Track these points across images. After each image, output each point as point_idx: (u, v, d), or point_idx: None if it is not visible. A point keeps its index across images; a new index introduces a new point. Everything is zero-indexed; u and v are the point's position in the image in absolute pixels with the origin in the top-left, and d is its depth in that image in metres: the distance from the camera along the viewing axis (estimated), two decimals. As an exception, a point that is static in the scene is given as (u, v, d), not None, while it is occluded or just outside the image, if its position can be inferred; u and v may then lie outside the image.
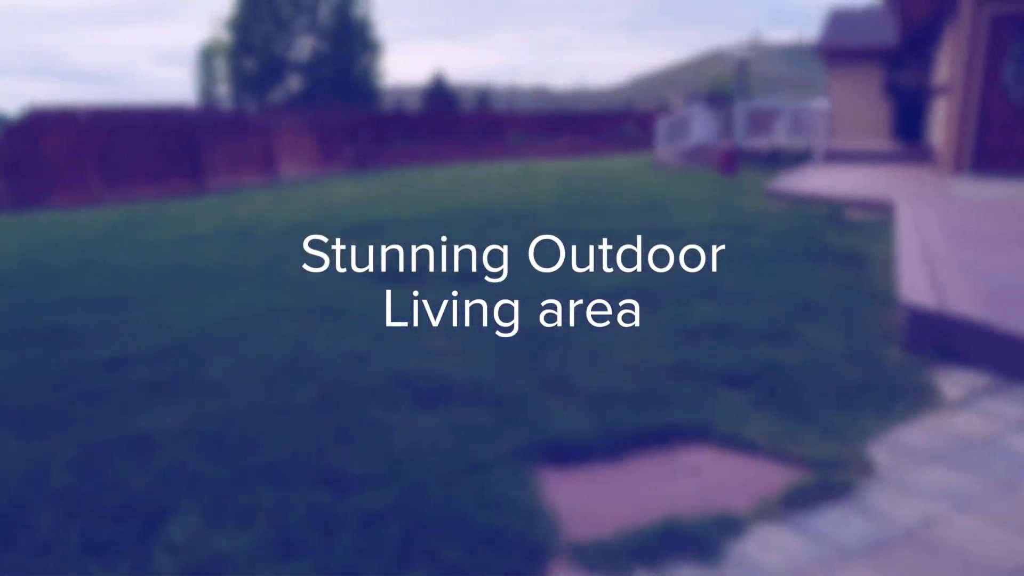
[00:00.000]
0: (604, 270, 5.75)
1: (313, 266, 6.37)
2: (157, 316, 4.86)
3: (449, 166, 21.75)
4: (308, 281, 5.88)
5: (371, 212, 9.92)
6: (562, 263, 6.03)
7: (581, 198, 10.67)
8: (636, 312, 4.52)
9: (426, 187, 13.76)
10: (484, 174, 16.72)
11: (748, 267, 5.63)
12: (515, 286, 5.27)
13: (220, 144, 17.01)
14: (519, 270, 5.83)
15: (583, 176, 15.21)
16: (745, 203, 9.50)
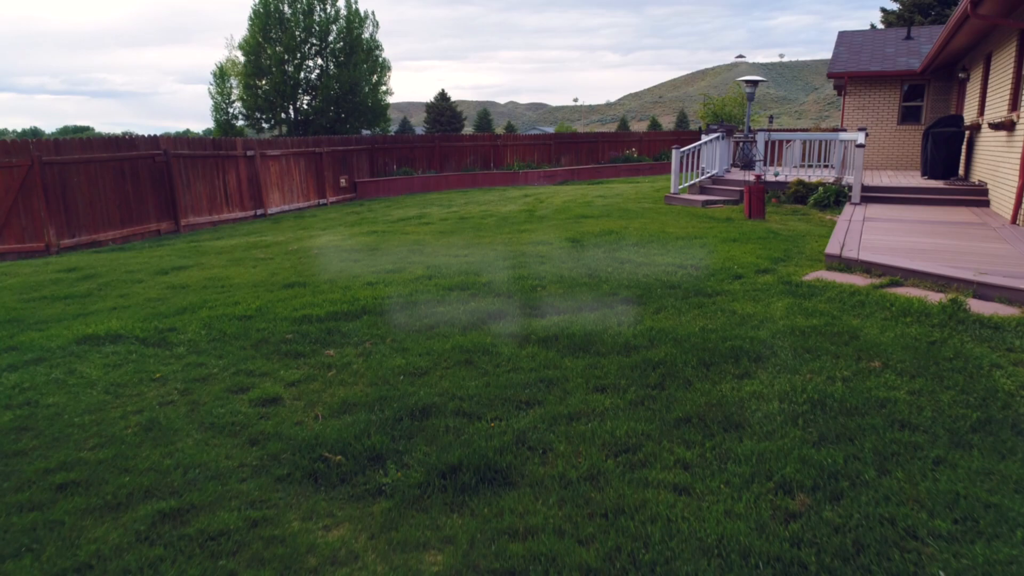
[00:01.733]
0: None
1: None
2: None
3: (448, 197, 19.43)
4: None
5: (349, 285, 7.59)
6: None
7: (607, 267, 8.33)
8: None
9: (416, 240, 11.42)
10: (484, 212, 14.39)
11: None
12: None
13: (199, 178, 14.70)
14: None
15: (593, 215, 12.89)
16: (805, 278, 7.15)
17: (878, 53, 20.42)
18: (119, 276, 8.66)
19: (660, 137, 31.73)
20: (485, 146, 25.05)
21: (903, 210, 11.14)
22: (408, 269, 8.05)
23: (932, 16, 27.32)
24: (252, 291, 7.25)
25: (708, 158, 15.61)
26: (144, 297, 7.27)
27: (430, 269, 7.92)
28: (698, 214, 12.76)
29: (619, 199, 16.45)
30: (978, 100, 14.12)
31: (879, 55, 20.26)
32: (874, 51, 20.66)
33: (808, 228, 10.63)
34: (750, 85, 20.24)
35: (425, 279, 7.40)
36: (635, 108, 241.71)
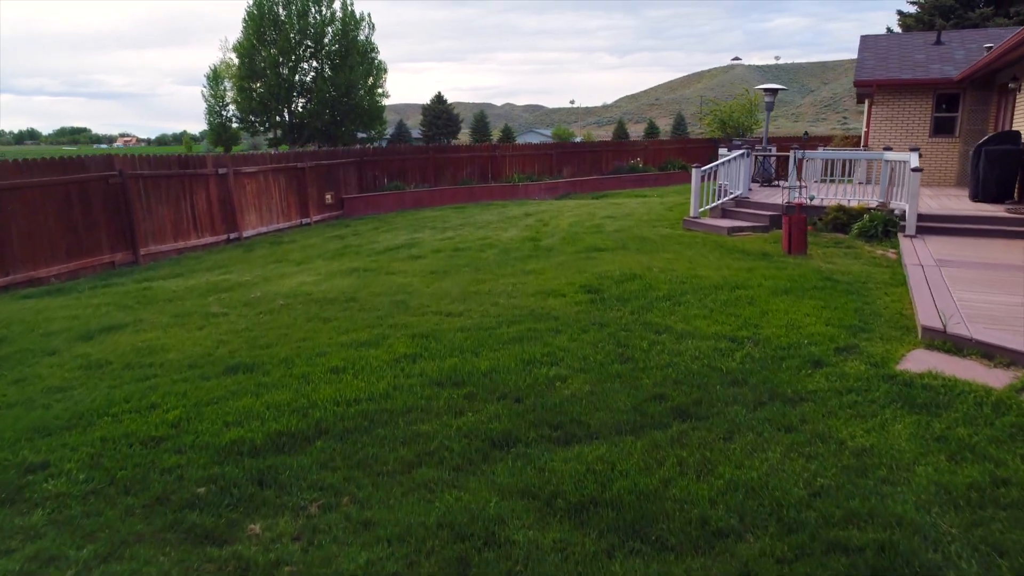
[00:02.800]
0: None
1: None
2: None
3: (442, 216, 17.69)
4: None
5: (309, 371, 5.87)
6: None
7: (640, 340, 6.64)
8: None
9: (403, 286, 9.70)
10: (482, 240, 12.66)
11: None
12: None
13: (162, 200, 12.95)
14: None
15: (606, 246, 11.18)
16: (908, 366, 5.46)
17: (907, 60, 18.74)
18: (31, 342, 6.92)
19: (665, 146, 30.05)
20: (482, 157, 23.32)
21: (974, 246, 9.45)
22: (389, 339, 6.32)
23: (953, 19, 25.73)
24: (182, 378, 5.52)
25: (731, 177, 13.92)
26: (42, 386, 5.53)
27: (416, 342, 6.19)
28: (726, 245, 11.06)
29: (631, 222, 14.73)
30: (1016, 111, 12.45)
31: (909, 62, 18.58)
32: (902, 57, 18.99)
33: (865, 270, 8.94)
34: (769, 94, 18.57)
35: (409, 360, 5.67)
36: (632, 110, 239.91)
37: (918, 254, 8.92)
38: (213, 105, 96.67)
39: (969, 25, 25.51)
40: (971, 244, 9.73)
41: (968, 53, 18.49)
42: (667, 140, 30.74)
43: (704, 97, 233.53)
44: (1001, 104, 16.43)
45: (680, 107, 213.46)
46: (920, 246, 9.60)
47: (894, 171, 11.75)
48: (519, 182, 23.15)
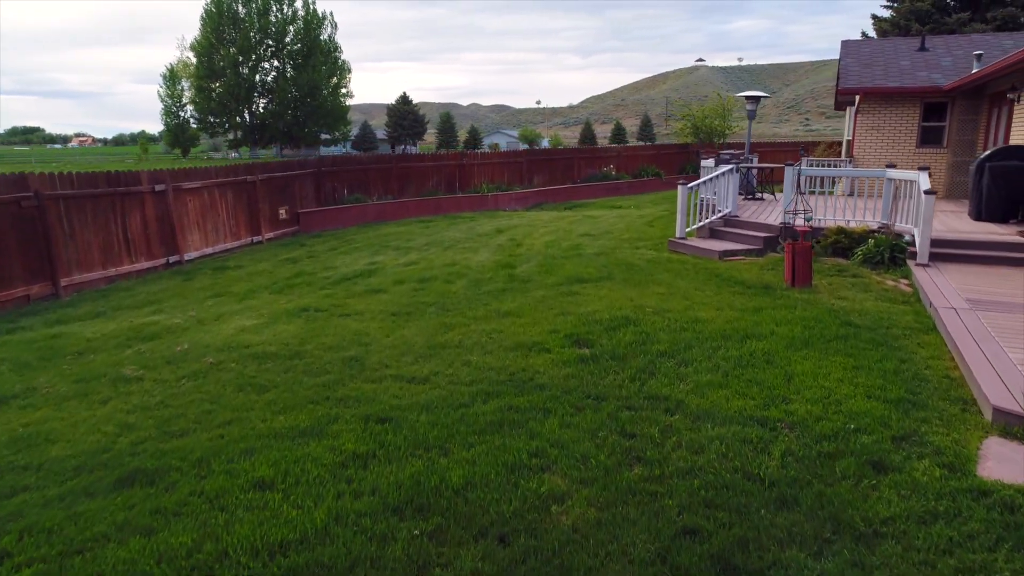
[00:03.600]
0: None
1: None
2: None
3: (407, 233, 16.35)
4: None
5: (221, 491, 4.59)
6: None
7: (648, 427, 5.47)
8: None
9: (357, 335, 8.42)
10: (450, 267, 11.38)
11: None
12: None
13: (88, 223, 11.44)
14: None
15: (589, 276, 10.01)
16: (995, 473, 4.37)
17: (892, 67, 17.95)
18: None
19: (638, 152, 29.09)
20: (449, 166, 22.02)
21: (999, 279, 8.48)
22: (336, 425, 5.04)
23: (930, 24, 25.16)
24: (59, 496, 4.18)
25: (718, 193, 12.87)
26: None
27: (369, 430, 4.91)
28: (721, 274, 9.97)
29: (611, 241, 13.60)
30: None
31: (894, 69, 17.79)
32: (887, 64, 18.20)
33: (881, 308, 7.90)
34: (751, 102, 17.65)
35: (359, 464, 4.39)
36: (598, 111, 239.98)
37: (942, 291, 7.91)
38: (170, 105, 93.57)
39: (946, 30, 25.00)
40: (994, 276, 8.77)
41: (955, 60, 17.78)
42: (640, 146, 29.78)
43: (670, 98, 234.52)
44: (993, 114, 15.70)
45: (646, 108, 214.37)
46: (938, 278, 8.61)
47: (899, 190, 10.80)
48: (488, 192, 21.92)
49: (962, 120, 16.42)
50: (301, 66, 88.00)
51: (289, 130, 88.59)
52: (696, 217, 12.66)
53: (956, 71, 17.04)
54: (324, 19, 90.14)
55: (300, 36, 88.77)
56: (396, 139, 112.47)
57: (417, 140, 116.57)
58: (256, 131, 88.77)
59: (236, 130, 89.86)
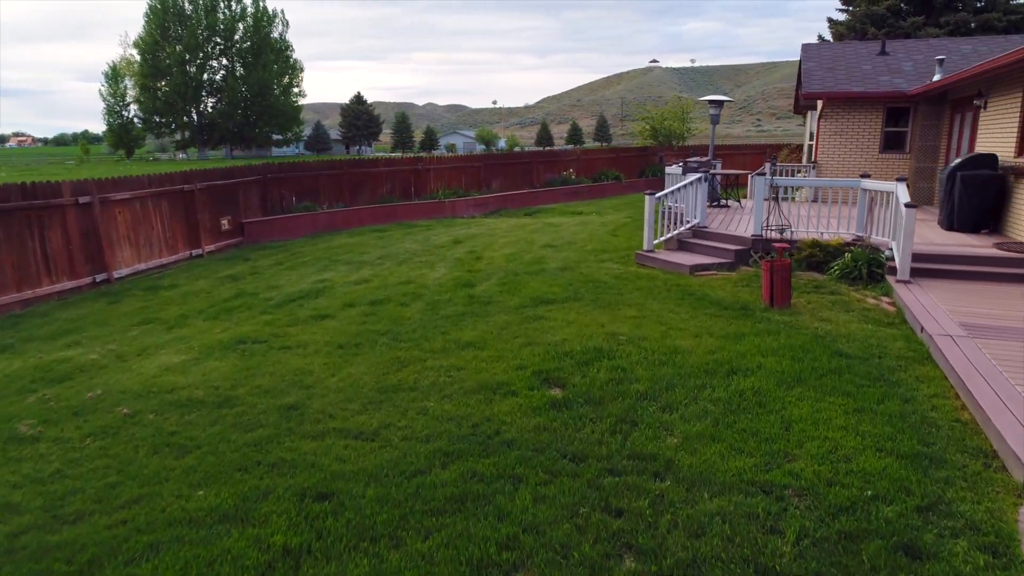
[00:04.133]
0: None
1: None
2: None
3: (360, 244, 15.40)
4: None
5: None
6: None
7: (635, 499, 4.76)
8: None
9: (299, 375, 7.54)
10: (404, 286, 10.54)
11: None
12: None
13: (0, 240, 10.29)
14: None
15: (554, 296, 9.30)
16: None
17: (855, 71, 17.70)
18: None
19: (598, 156, 28.58)
20: (404, 172, 21.10)
21: (987, 297, 8.03)
22: (265, 506, 4.19)
23: (886, 28, 25.23)
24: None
25: (687, 202, 12.30)
26: None
27: (304, 513, 4.07)
28: (694, 292, 9.36)
29: (575, 253, 12.93)
30: (1017, 136, 11.34)
31: (857, 73, 17.54)
32: (849, 68, 17.95)
33: (868, 332, 7.37)
34: (715, 106, 17.19)
35: (289, 566, 3.58)
36: (554, 111, 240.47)
37: (931, 314, 7.41)
38: (113, 105, 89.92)
39: (901, 34, 25.08)
40: (980, 294, 8.34)
41: (916, 65, 17.61)
42: (600, 150, 29.28)
43: (625, 99, 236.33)
44: (955, 120, 15.51)
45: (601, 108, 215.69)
46: (923, 298, 8.13)
47: (873, 201, 10.36)
48: (445, 199, 21.08)
49: (925, 125, 16.23)
50: (251, 65, 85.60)
51: (239, 130, 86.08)
52: (664, 228, 12.06)
53: (918, 76, 16.86)
54: (275, 17, 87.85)
55: (250, 34, 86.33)
56: (350, 140, 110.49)
57: (372, 141, 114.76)
58: (205, 131, 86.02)
59: (183, 130, 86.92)
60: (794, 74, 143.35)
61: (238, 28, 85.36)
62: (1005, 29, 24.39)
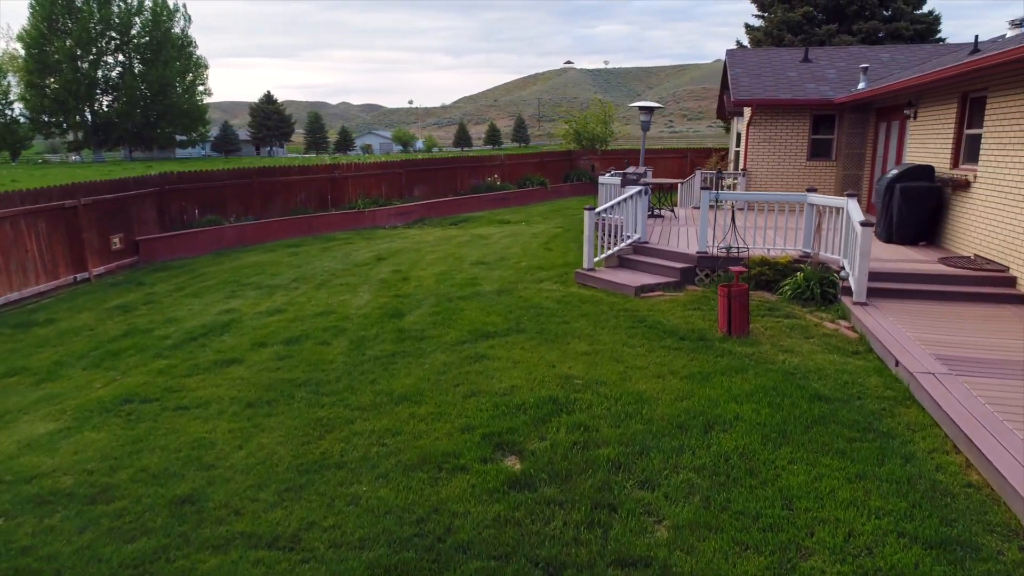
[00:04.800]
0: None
1: None
2: None
3: (272, 263, 14.01)
4: None
5: None
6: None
7: None
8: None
9: (198, 447, 6.33)
10: (323, 317, 9.37)
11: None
12: None
13: None
14: None
15: (493, 326, 8.39)
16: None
17: (782, 78, 17.61)
18: None
19: (523, 160, 27.87)
20: (320, 180, 19.69)
21: (947, 320, 7.63)
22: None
23: (802, 35, 25.61)
24: None
25: (627, 217, 11.63)
26: None
27: None
28: (644, 319, 8.65)
29: (509, 271, 12.06)
30: (952, 148, 11.22)
31: (784, 81, 17.45)
32: (776, 75, 17.85)
33: (837, 364, 6.82)
34: (645, 112, 16.68)
35: None
36: (472, 111, 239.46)
37: (900, 343, 6.92)
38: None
39: (816, 41, 25.50)
40: (940, 316, 7.96)
41: (839, 72, 17.67)
42: (524, 155, 28.60)
43: (541, 99, 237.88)
44: (880, 128, 15.56)
45: (519, 108, 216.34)
46: (885, 322, 7.68)
47: (822, 216, 9.95)
48: (365, 208, 19.81)
49: (851, 133, 16.24)
50: (151, 61, 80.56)
51: (139, 131, 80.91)
52: (603, 244, 11.36)
53: (842, 83, 16.89)
54: (176, 11, 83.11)
55: (148, 29, 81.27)
56: (261, 140, 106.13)
57: (284, 141, 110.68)
58: (100, 132, 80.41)
59: (76, 130, 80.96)
60: (703, 77, 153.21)
61: (135, 22, 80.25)
62: (911, 38, 25.20)
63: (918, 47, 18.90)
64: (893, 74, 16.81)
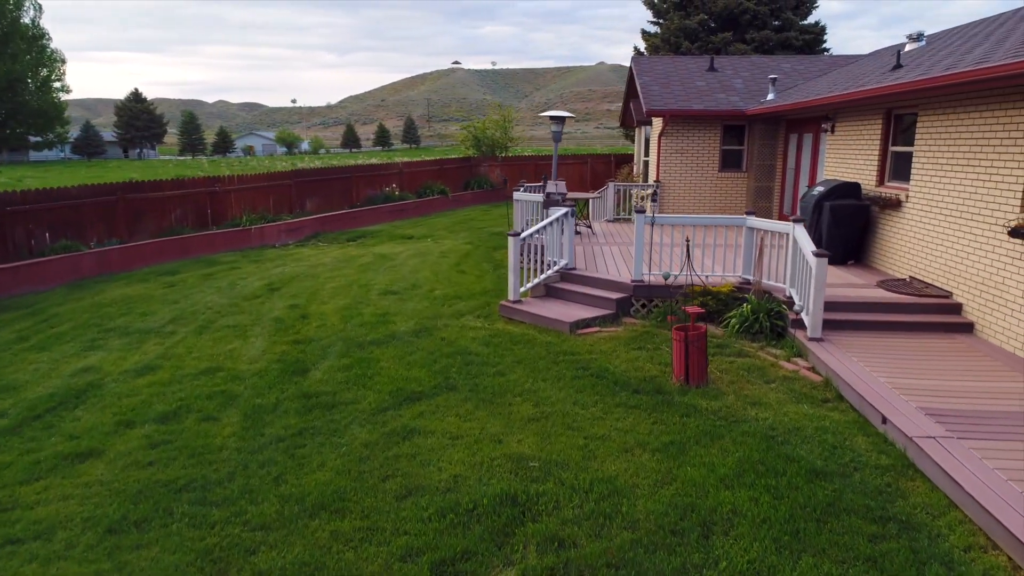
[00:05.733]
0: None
1: None
2: None
3: (143, 296, 11.98)
4: None
5: None
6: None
7: None
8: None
9: None
10: (205, 377, 7.76)
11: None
12: None
13: None
14: None
15: (417, 381, 7.14)
16: None
17: (691, 88, 17.25)
18: None
19: (421, 168, 26.47)
20: (199, 194, 17.54)
21: (911, 355, 7.07)
22: None
23: (698, 43, 25.69)
24: None
25: (552, 241, 10.64)
26: None
27: None
28: (586, 364, 7.65)
29: (423, 300, 10.80)
30: (878, 165, 10.97)
31: (693, 90, 17.09)
32: (685, 84, 17.49)
33: (814, 418, 6.07)
34: (556, 122, 15.78)
35: None
36: (359, 111, 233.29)
37: (879, 393, 6.25)
38: None
39: (713, 48, 25.65)
40: (902, 352, 7.42)
41: (746, 82, 17.51)
42: (423, 162, 27.20)
43: (431, 100, 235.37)
44: (791, 140, 15.42)
45: (407, 109, 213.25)
46: (849, 363, 7.04)
47: (764, 241, 9.32)
48: (251, 225, 17.86)
49: (761, 144, 16.05)
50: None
51: (-16, 133, 72.64)
52: (527, 269, 10.30)
53: (749, 93, 16.71)
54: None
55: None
56: (129, 142, 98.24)
57: (156, 143, 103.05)
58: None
59: (-96, 132, 71.61)
60: (589, 79, 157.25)
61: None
62: (801, 48, 25.85)
63: (817, 58, 19.12)
64: (797, 85, 16.80)
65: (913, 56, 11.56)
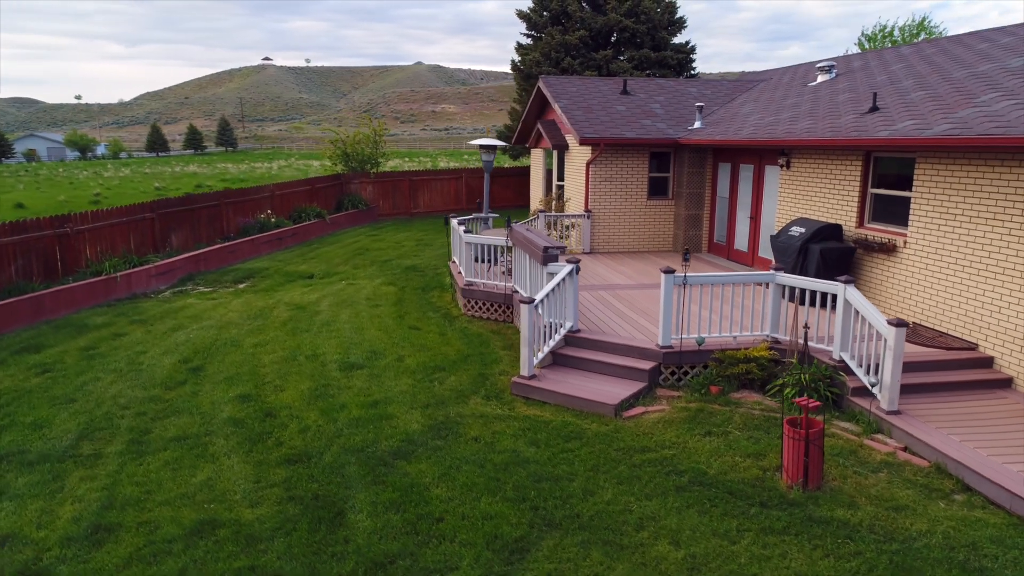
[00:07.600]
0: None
1: None
2: None
3: (6, 388, 9.04)
4: None
5: None
6: None
7: None
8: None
9: None
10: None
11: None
12: None
13: None
14: None
15: (501, 531, 5.68)
16: None
17: (614, 113, 16.75)
18: None
19: (292, 189, 23.78)
20: (45, 238, 14.01)
21: (986, 421, 6.76)
22: None
23: (580, 59, 25.35)
24: None
25: (553, 300, 9.38)
26: None
27: None
28: (669, 464, 6.58)
29: (399, 372, 9.12)
30: (858, 206, 10.93)
31: (617, 116, 16.59)
32: (607, 109, 16.97)
33: (970, 525, 5.50)
34: (486, 151, 14.61)
35: None
36: (159, 110, 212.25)
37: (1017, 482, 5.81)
38: None
39: (594, 65, 25.48)
40: (977, 421, 7.12)
41: (664, 107, 17.32)
42: (294, 182, 24.45)
43: (243, 98, 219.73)
44: (721, 168, 15.37)
45: (216, 108, 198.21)
46: (948, 441, 6.60)
47: (797, 301, 8.76)
48: (116, 271, 14.69)
49: (690, 172, 15.85)
50: None
51: None
52: (539, 340, 8.99)
53: (671, 118, 16.48)
54: None
55: None
56: None
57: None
58: None
59: None
60: (408, 79, 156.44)
61: None
62: (674, 66, 26.46)
63: (719, 82, 19.41)
64: (715, 112, 16.83)
65: (850, 88, 11.69)
